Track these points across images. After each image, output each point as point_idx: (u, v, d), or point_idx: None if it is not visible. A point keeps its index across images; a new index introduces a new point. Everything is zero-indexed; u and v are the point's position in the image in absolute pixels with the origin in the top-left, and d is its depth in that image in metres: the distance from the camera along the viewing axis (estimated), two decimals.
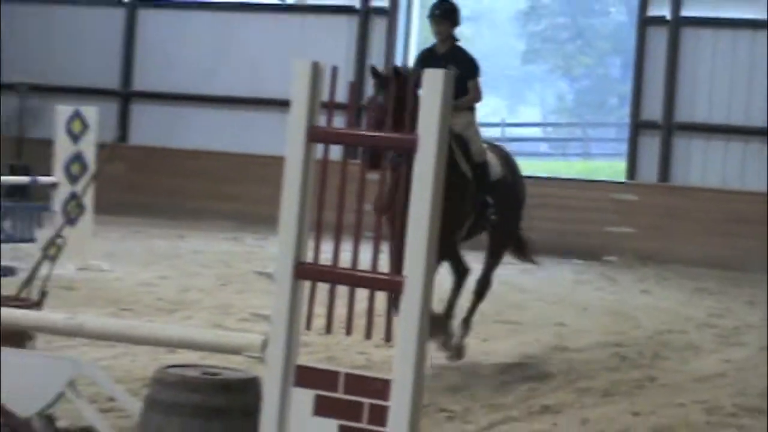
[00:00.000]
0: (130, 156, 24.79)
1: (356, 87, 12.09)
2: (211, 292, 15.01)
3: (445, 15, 11.55)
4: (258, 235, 21.36)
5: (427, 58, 11.48)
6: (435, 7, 11.60)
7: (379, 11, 26.47)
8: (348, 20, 26.65)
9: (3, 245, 15.59)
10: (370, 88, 24.37)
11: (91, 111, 16.53)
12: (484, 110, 53.88)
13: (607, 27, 55.28)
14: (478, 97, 11.67)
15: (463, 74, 11.15)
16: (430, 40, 12.12)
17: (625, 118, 27.97)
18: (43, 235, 14.56)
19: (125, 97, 28.01)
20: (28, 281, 8.80)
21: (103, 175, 14.74)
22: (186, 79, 27.22)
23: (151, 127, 27.34)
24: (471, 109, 11.73)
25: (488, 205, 11.30)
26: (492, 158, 11.77)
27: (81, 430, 6.76)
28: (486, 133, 49.08)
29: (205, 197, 25.29)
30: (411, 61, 26.90)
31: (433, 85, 5.44)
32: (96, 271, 15.89)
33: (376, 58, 25.85)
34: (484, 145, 11.84)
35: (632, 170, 24.47)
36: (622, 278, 19.39)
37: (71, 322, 6.94)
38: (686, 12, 23.78)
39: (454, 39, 11.69)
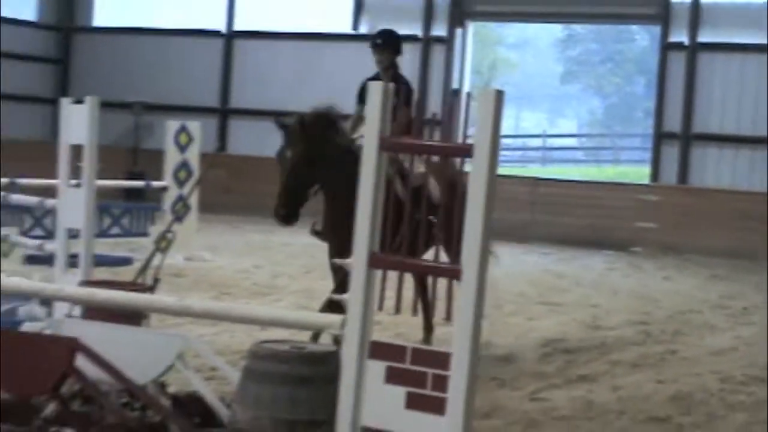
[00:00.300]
0: (228, 163, 24.91)
1: (421, 106, 11.87)
2: (298, 278, 15.04)
3: (386, 44, 10.13)
4: None
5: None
6: (377, 35, 10.21)
7: (439, 40, 26.47)
8: (411, 48, 26.57)
9: (122, 239, 15.72)
10: (432, 106, 24.24)
11: (195, 125, 16.63)
12: (528, 123, 53.60)
13: (633, 51, 55.02)
14: (407, 123, 9.86)
15: (401, 102, 9.67)
16: (482, 64, 11.63)
17: (649, 129, 27.79)
18: (155, 230, 14.66)
19: (224, 113, 28.20)
20: (143, 269, 8.86)
21: (206, 179, 14.90)
22: (275, 97, 27.33)
23: (246, 139, 27.52)
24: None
25: (431, 224, 9.48)
26: (433, 184, 9.85)
27: (188, 395, 6.77)
28: (529, 143, 48.30)
29: None
30: (466, 83, 27.01)
31: (486, 102, 5.41)
32: (200, 260, 15.97)
33: (436, 81, 25.93)
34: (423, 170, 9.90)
35: (655, 174, 24.43)
36: (646, 266, 19.28)
37: (180, 304, 6.97)
38: (702, 39, 23.70)
39: (395, 67, 10.22)
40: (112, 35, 29.68)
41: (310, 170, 8.80)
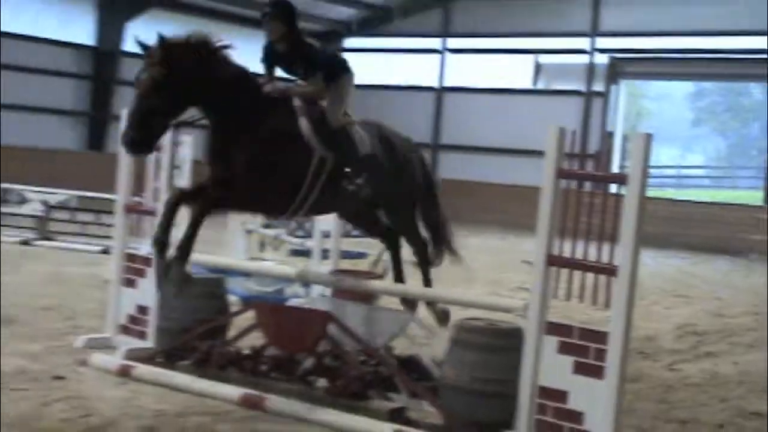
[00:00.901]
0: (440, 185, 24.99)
1: (582, 143, 11.50)
2: (488, 271, 14.92)
3: (274, 15, 6.76)
4: (518, 236, 21.20)
5: (272, 54, 6.86)
6: (265, 5, 6.82)
7: (598, 94, 26.22)
8: (576, 100, 26.45)
9: (359, 239, 15.86)
10: (592, 144, 23.80)
11: None
12: (665, 157, 51.86)
13: (750, 102, 53.10)
14: (319, 90, 6.80)
15: (308, 72, 6.77)
16: (630, 113, 10.83)
17: (762, 163, 26.77)
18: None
19: (435, 147, 28.38)
20: (376, 262, 8.95)
21: None
22: (474, 136, 27.47)
23: (451, 166, 27.70)
24: (341, 77, 7.05)
25: (345, 176, 6.65)
26: (361, 133, 7.05)
27: (408, 357, 6.79)
28: (666, 172, 46.69)
29: (483, 211, 25.36)
30: (618, 127, 26.52)
31: (638, 142, 5.31)
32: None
33: (595, 125, 25.59)
34: (352, 119, 7.12)
35: (767, 197, 23.67)
36: (760, 269, 18.49)
37: (401, 288, 7.01)
38: None
39: (293, 37, 6.79)
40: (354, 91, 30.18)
41: (170, 96, 5.98)
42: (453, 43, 29.12)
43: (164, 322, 7.13)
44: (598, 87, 26.30)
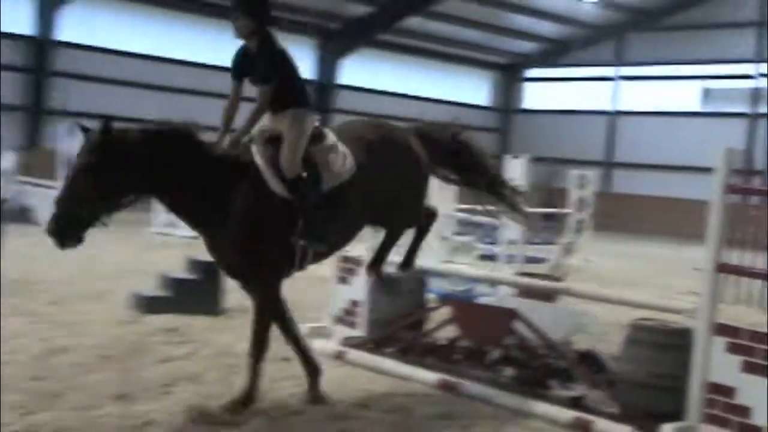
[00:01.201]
0: (612, 198, 24.54)
1: (747, 161, 10.98)
2: (657, 276, 14.44)
3: (236, 8, 5.22)
4: (683, 245, 20.41)
5: (242, 59, 5.36)
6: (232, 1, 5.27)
7: (762, 115, 25.10)
8: (741, 122, 25.38)
9: (540, 246, 15.69)
10: (758, 162, 22.60)
11: (590, 172, 16.39)
12: None
13: None
14: (259, 106, 5.27)
15: (264, 79, 5.24)
16: None
17: None
18: (561, 241, 14.46)
19: (608, 165, 27.78)
20: (555, 267, 8.83)
21: (596, 208, 14.59)
22: (646, 155, 26.78)
23: (626, 183, 27.14)
24: (296, 109, 5.34)
25: (294, 230, 5.35)
26: (342, 151, 5.46)
27: (586, 351, 6.66)
28: None
29: (651, 222, 24.67)
30: None
31: None
32: (589, 261, 15.63)
33: (760, 145, 24.38)
34: (330, 136, 5.49)
35: None
36: None
37: (578, 289, 6.88)
38: None
39: (262, 35, 5.23)
40: (537, 115, 30.11)
41: (102, 184, 4.85)
42: (626, 71, 28.55)
43: (374, 314, 7.29)
44: (763, 109, 25.14)
